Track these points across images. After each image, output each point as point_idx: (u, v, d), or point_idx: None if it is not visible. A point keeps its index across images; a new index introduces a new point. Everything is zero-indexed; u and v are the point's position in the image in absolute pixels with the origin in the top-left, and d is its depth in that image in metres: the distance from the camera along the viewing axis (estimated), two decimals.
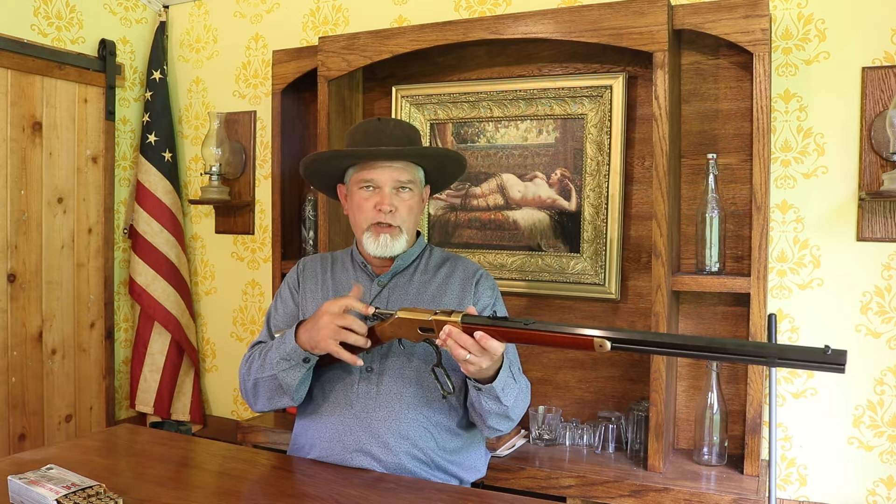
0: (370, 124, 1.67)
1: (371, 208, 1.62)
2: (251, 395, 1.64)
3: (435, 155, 1.77)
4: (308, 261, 1.80)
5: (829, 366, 1.05)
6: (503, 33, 2.17)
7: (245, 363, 1.66)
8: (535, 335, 1.29)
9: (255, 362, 1.61)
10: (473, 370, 1.38)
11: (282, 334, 1.56)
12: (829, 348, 1.05)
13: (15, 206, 2.69)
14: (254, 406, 1.65)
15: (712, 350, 1.15)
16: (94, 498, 1.20)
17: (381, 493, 1.38)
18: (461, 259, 1.74)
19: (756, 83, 1.93)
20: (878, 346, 2.06)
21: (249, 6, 3.04)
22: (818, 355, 1.05)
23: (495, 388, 1.44)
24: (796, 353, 1.09)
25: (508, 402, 1.48)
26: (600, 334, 1.21)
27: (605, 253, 2.25)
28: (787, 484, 2.17)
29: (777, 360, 1.09)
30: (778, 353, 1.10)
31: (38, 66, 2.73)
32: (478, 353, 1.34)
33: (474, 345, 1.33)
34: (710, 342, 1.17)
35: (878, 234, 2.05)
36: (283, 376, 1.53)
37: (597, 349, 1.21)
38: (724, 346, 1.14)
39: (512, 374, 1.49)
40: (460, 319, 1.34)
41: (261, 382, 1.59)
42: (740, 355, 1.14)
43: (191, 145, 3.21)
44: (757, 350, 1.14)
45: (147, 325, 3.04)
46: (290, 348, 1.51)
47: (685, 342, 1.17)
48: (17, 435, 2.70)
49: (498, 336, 1.32)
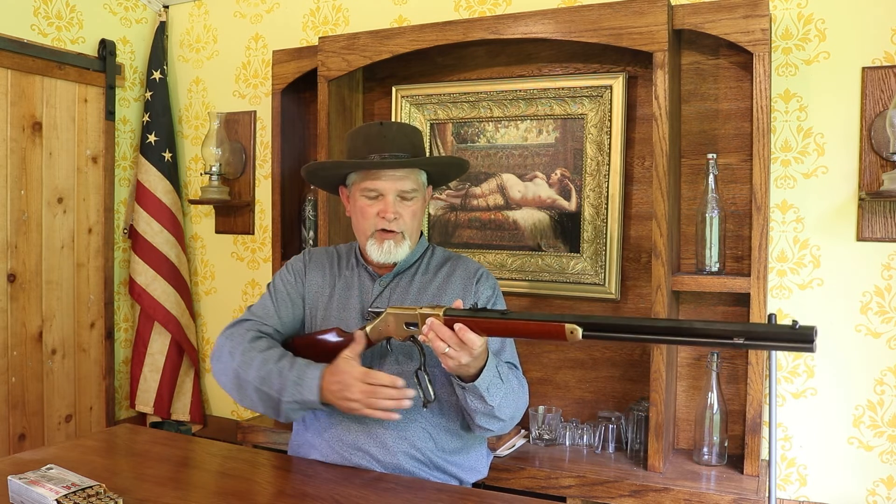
0: (372, 129, 1.65)
1: (374, 215, 1.61)
2: (235, 388, 1.57)
3: (438, 163, 1.78)
4: (315, 252, 1.78)
5: (797, 344, 1.01)
6: (503, 33, 2.17)
7: (238, 348, 1.57)
8: (509, 324, 1.29)
9: (255, 364, 1.53)
10: (453, 364, 1.36)
11: (297, 372, 1.49)
12: (797, 323, 1.00)
13: (15, 206, 2.69)
14: (230, 392, 1.58)
15: (681, 333, 1.10)
16: (94, 498, 1.20)
17: (380, 492, 1.38)
18: (462, 259, 1.74)
19: (756, 83, 1.93)
20: (878, 346, 2.06)
21: (249, 6, 3.04)
22: (785, 331, 1.01)
23: (478, 386, 1.42)
24: (762, 330, 1.06)
25: (494, 403, 1.46)
26: (571, 320, 1.19)
27: (605, 253, 2.25)
28: (787, 484, 2.17)
29: (743, 340, 1.04)
30: (743, 330, 1.06)
31: (38, 66, 2.73)
32: (457, 347, 1.33)
33: (452, 337, 1.32)
34: (677, 324, 1.13)
35: (878, 234, 2.05)
36: (289, 412, 1.51)
37: (568, 336, 1.19)
38: (692, 327, 1.10)
39: (499, 374, 1.47)
40: (442, 312, 1.35)
41: (254, 390, 1.53)
42: (707, 337, 1.09)
43: (191, 145, 3.21)
44: (722, 330, 1.08)
45: (147, 325, 3.04)
46: (311, 401, 1.47)
47: (654, 325, 1.15)
48: (17, 435, 2.70)
49: (476, 328, 1.32)
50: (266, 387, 1.51)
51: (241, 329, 1.63)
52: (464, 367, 1.38)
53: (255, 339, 1.60)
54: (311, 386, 1.47)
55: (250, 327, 1.64)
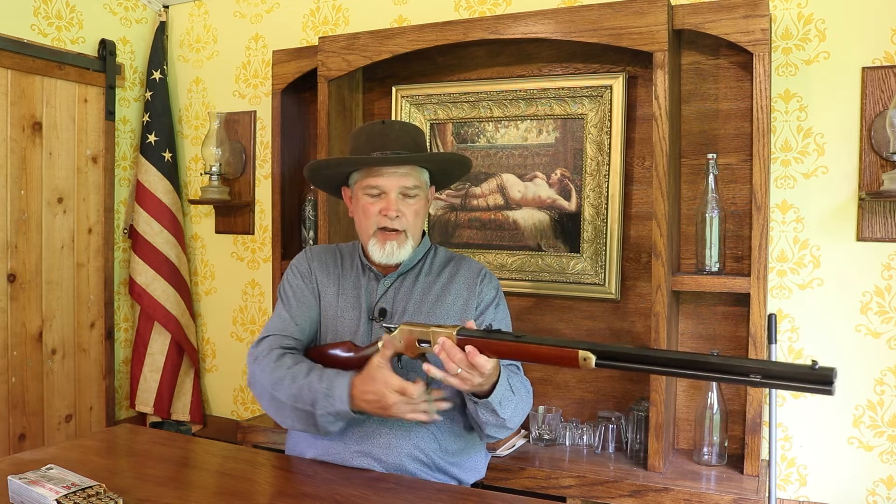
0: (374, 127, 1.65)
1: (377, 213, 1.60)
2: (275, 412, 1.56)
3: (441, 160, 1.78)
4: (316, 250, 1.76)
5: (815, 386, 0.97)
6: (503, 33, 2.17)
7: (268, 369, 1.56)
8: (522, 348, 1.27)
9: (286, 383, 1.52)
10: (466, 386, 1.36)
11: (327, 383, 1.48)
12: (816, 364, 0.97)
13: (15, 206, 2.69)
14: (274, 417, 1.58)
15: (697, 367, 1.08)
16: (94, 498, 1.20)
17: (380, 492, 1.38)
18: (465, 259, 1.74)
19: (756, 83, 1.93)
20: (878, 346, 2.06)
21: (249, 6, 3.04)
22: (803, 371, 0.98)
23: (491, 402, 1.43)
24: (780, 368, 1.02)
25: (505, 416, 1.47)
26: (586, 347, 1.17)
27: (605, 253, 2.25)
28: (787, 484, 2.17)
29: (760, 377, 1.01)
30: (760, 368, 1.02)
31: (38, 66, 2.73)
32: (468, 370, 1.33)
33: (463, 360, 1.31)
34: (693, 358, 1.10)
35: (878, 234, 2.05)
36: (325, 424, 1.49)
37: (581, 364, 1.18)
38: (707, 361, 1.07)
39: (511, 387, 1.47)
40: (456, 332, 1.34)
41: (291, 410, 1.52)
42: (723, 373, 1.06)
43: (191, 145, 3.21)
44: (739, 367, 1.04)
45: (147, 325, 3.04)
46: (343, 412, 1.46)
47: (669, 357, 1.13)
48: (17, 435, 2.70)
49: (488, 350, 1.31)
50: (301, 404, 1.49)
51: (265, 349, 1.61)
52: (476, 387, 1.38)
53: (280, 358, 1.57)
54: (341, 396, 1.45)
55: (273, 345, 1.61)
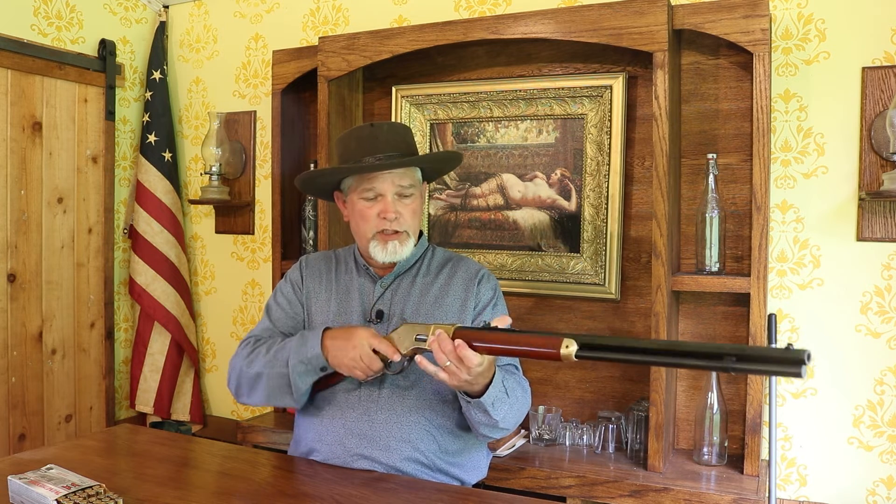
0: (363, 131, 1.64)
1: (375, 216, 1.60)
2: (246, 387, 1.62)
3: (434, 160, 1.80)
4: (311, 259, 1.78)
5: (785, 367, 0.97)
6: (503, 33, 2.17)
7: (244, 355, 1.63)
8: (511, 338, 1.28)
9: (261, 356, 1.59)
10: (454, 381, 1.37)
11: (301, 336, 1.55)
12: (792, 346, 0.98)
13: (15, 206, 2.69)
14: (244, 398, 1.64)
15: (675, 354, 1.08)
16: (94, 498, 1.20)
17: (380, 493, 1.38)
18: (463, 259, 1.74)
19: (756, 83, 1.93)
20: (878, 346, 2.06)
21: (249, 6, 3.04)
22: (778, 352, 0.98)
23: (483, 402, 1.43)
24: (754, 351, 1.02)
25: (498, 417, 1.47)
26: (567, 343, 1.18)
27: (605, 253, 2.25)
28: (787, 484, 2.17)
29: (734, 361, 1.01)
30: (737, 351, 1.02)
31: (38, 66, 2.73)
32: (456, 362, 1.33)
33: (452, 352, 1.32)
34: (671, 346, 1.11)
35: (878, 234, 2.05)
36: (297, 379, 1.52)
37: (562, 351, 1.18)
38: (685, 349, 1.08)
39: (505, 390, 1.47)
40: (454, 328, 1.36)
41: (265, 377, 1.57)
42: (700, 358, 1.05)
43: (191, 145, 3.21)
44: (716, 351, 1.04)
45: (147, 325, 3.04)
46: (312, 355, 1.50)
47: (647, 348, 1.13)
48: (17, 435, 2.70)
49: (478, 342, 1.31)
50: (277, 367, 1.54)
51: (246, 349, 1.66)
52: (465, 384, 1.38)
53: (255, 344, 1.65)
54: (313, 343, 1.50)
55: (251, 343, 1.67)
